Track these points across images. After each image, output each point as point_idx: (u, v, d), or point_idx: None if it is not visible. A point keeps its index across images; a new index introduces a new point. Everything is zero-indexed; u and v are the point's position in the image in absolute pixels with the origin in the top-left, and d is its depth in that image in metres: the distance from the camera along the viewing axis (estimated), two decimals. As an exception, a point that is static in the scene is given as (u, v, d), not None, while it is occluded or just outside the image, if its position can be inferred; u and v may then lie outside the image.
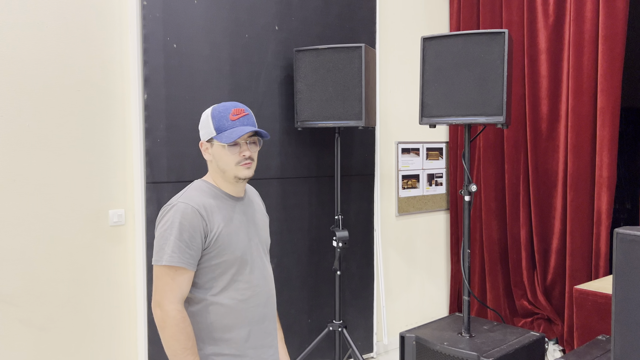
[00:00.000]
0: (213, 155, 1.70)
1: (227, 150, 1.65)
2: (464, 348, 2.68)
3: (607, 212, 3.60)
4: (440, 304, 4.55)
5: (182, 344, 1.56)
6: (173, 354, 1.57)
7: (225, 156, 1.66)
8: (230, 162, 1.67)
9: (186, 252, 1.58)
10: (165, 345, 1.58)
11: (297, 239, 3.51)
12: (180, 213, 1.60)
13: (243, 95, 3.23)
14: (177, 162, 2.98)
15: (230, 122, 1.66)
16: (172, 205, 1.63)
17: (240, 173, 1.68)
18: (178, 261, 1.57)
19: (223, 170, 1.69)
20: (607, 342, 2.42)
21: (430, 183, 4.40)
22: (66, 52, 2.70)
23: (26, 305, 2.60)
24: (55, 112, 2.67)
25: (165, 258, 1.58)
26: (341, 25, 3.67)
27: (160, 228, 1.62)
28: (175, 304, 1.58)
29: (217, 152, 1.68)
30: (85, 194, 2.77)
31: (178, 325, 1.56)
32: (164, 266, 1.58)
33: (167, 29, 2.92)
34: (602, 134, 3.58)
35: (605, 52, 3.53)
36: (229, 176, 1.69)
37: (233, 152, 1.66)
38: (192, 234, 1.59)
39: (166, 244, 1.58)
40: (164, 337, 1.58)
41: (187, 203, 1.62)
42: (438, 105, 2.81)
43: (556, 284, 3.93)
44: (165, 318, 1.57)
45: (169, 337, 1.56)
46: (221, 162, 1.68)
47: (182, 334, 1.56)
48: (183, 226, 1.58)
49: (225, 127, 1.65)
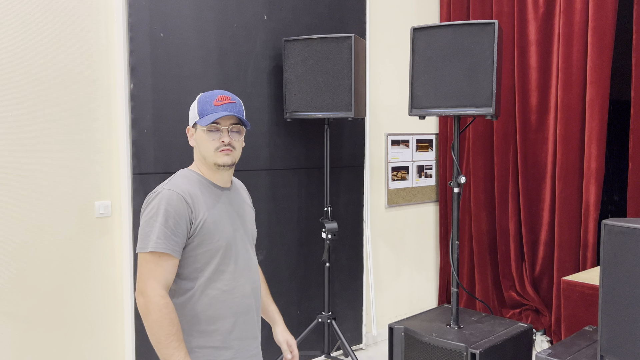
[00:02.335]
0: (196, 140, 1.69)
1: (207, 135, 1.65)
2: (453, 339, 2.68)
3: (595, 204, 3.61)
4: (429, 295, 4.56)
5: (166, 330, 1.54)
6: (157, 340, 1.54)
7: (205, 141, 1.66)
8: (209, 147, 1.66)
9: (171, 238, 1.57)
10: (149, 332, 1.56)
11: (286, 231, 3.49)
12: (165, 200, 1.59)
13: (231, 86, 3.19)
14: (164, 153, 2.95)
15: (213, 107, 1.65)
16: (157, 193, 1.62)
17: (219, 159, 1.66)
18: (163, 247, 1.56)
19: (204, 156, 1.68)
20: (593, 333, 2.43)
21: (419, 175, 4.39)
22: (50, 41, 2.65)
23: (10, 297, 2.57)
24: (39, 102, 2.63)
25: (150, 245, 1.56)
26: (331, 15, 3.64)
27: (145, 215, 1.61)
28: (158, 290, 1.56)
29: (199, 137, 1.68)
30: (71, 185, 2.74)
31: (161, 311, 1.54)
32: (148, 253, 1.57)
33: (154, 17, 2.88)
34: (591, 126, 3.59)
35: (595, 44, 3.53)
36: (209, 162, 1.68)
37: (213, 137, 1.65)
38: (178, 221, 1.58)
39: (151, 230, 1.57)
40: (147, 324, 1.55)
41: (172, 190, 1.61)
42: (428, 97, 2.80)
43: (544, 275, 3.95)
44: (149, 305, 1.55)
45: (152, 324, 1.54)
46: (202, 147, 1.67)
47: (165, 319, 1.54)
48: (168, 213, 1.57)
49: (207, 112, 1.65)
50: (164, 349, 1.54)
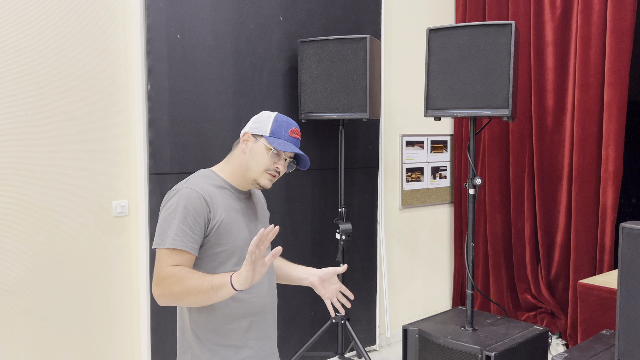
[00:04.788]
0: (251, 150, 1.70)
1: (267, 154, 1.68)
2: (467, 342, 2.67)
3: (613, 206, 3.57)
4: (443, 297, 4.54)
5: (190, 277, 1.53)
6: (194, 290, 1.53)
7: (262, 158, 1.69)
8: (261, 164, 1.69)
9: (189, 235, 1.59)
10: (184, 295, 1.54)
11: (300, 232, 3.50)
12: (184, 198, 1.61)
13: (247, 87, 3.21)
14: (180, 153, 2.97)
15: (287, 136, 1.71)
16: (177, 191, 1.65)
17: (263, 181, 1.71)
18: (180, 244, 1.58)
19: (248, 168, 1.70)
20: (611, 337, 2.41)
21: (434, 176, 4.38)
22: (70, 42, 2.69)
23: (30, 295, 2.61)
24: (58, 103, 2.67)
25: (167, 241, 1.58)
26: (346, 16, 3.65)
27: (164, 212, 1.63)
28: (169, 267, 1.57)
29: (257, 150, 1.70)
30: (88, 185, 2.77)
31: (175, 271, 1.54)
32: (165, 249, 1.59)
33: (171, 19, 2.90)
34: (609, 128, 3.55)
35: (613, 45, 3.49)
36: (249, 176, 1.71)
37: (273, 159, 1.69)
38: (196, 218, 1.60)
39: (169, 227, 1.59)
40: (175, 293, 1.54)
41: (192, 188, 1.63)
42: (443, 98, 2.79)
43: (560, 278, 3.92)
44: (164, 279, 1.55)
45: (178, 287, 1.53)
46: (253, 160, 1.70)
47: (182, 272, 1.54)
48: (187, 210, 1.59)
49: (281, 136, 1.70)
50: (202, 287, 1.52)
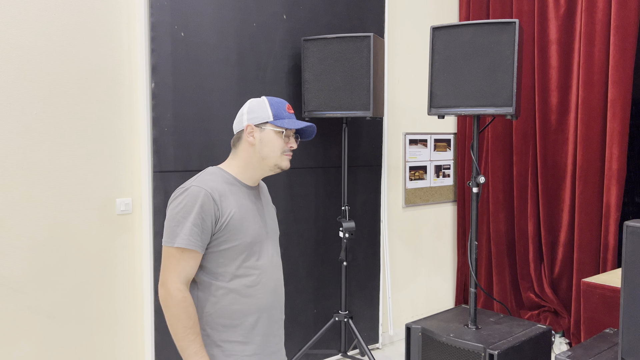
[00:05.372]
0: (260, 140, 1.72)
1: (279, 137, 1.71)
2: (470, 340, 2.67)
3: (617, 205, 3.57)
4: (446, 295, 4.55)
5: (183, 322, 1.60)
6: (175, 332, 1.62)
7: (276, 142, 1.72)
8: (278, 148, 1.72)
9: (197, 234, 1.60)
10: (168, 324, 1.63)
11: (303, 230, 3.51)
12: (193, 196, 1.62)
13: (250, 85, 3.21)
14: (184, 151, 2.98)
15: (288, 113, 1.75)
16: (185, 189, 1.65)
17: (283, 163, 1.74)
18: (188, 243, 1.60)
19: (265, 156, 1.72)
20: (614, 336, 2.41)
21: (437, 174, 4.38)
22: (74, 40, 2.69)
23: (34, 292, 2.62)
24: (62, 101, 2.67)
25: (176, 240, 1.60)
26: (349, 14, 3.64)
27: (172, 210, 1.64)
28: (178, 284, 1.61)
29: (268, 137, 1.71)
30: (92, 183, 2.78)
31: (179, 304, 1.60)
32: (173, 247, 1.61)
33: (175, 17, 2.91)
34: (613, 126, 3.54)
35: (617, 43, 3.48)
36: (268, 164, 1.74)
37: (285, 140, 1.73)
38: (204, 217, 1.61)
39: (177, 226, 1.61)
40: (166, 316, 1.62)
41: (200, 187, 1.64)
42: (447, 96, 2.79)
43: (563, 276, 3.91)
44: (168, 297, 1.61)
45: (170, 316, 1.61)
46: (268, 147, 1.72)
47: (183, 313, 1.60)
48: (195, 209, 1.61)
49: (283, 116, 1.73)
50: (180, 341, 1.61)
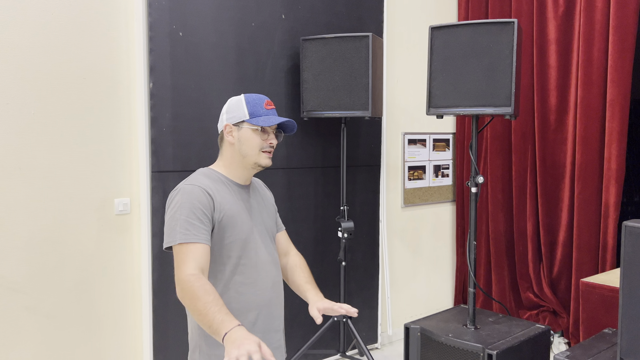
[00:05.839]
0: (238, 139, 1.73)
1: (256, 134, 1.71)
2: (469, 340, 2.67)
3: (615, 204, 3.57)
4: (445, 295, 4.54)
5: (202, 300, 1.47)
6: (198, 315, 1.47)
7: (254, 140, 1.72)
8: (255, 146, 1.72)
9: (197, 226, 1.60)
10: (191, 313, 1.50)
11: (302, 230, 3.50)
12: (187, 193, 1.64)
13: (249, 85, 3.21)
14: (183, 151, 2.97)
15: (265, 110, 1.74)
16: (178, 190, 1.67)
17: (262, 160, 1.74)
18: (189, 237, 1.59)
19: (245, 154, 1.73)
20: (613, 336, 2.41)
21: (436, 174, 4.38)
22: (72, 40, 2.69)
23: (33, 292, 2.61)
24: (60, 101, 2.67)
25: (177, 237, 1.59)
26: (348, 14, 3.64)
27: (169, 211, 1.65)
28: (189, 270, 1.54)
29: (245, 135, 1.72)
30: (90, 183, 2.77)
31: (193, 284, 1.50)
32: (177, 245, 1.60)
33: (173, 16, 2.90)
34: (611, 126, 3.54)
35: (616, 42, 3.48)
36: (248, 162, 1.74)
37: (262, 137, 1.73)
38: (203, 210, 1.62)
39: (176, 224, 1.61)
40: (186, 305, 1.52)
41: (193, 184, 1.66)
42: (446, 96, 2.79)
43: (562, 276, 3.91)
44: (181, 288, 1.52)
45: (189, 303, 1.49)
46: (246, 145, 1.72)
47: (199, 291, 1.49)
48: (192, 204, 1.62)
49: (260, 113, 1.73)
50: (204, 319, 1.46)
